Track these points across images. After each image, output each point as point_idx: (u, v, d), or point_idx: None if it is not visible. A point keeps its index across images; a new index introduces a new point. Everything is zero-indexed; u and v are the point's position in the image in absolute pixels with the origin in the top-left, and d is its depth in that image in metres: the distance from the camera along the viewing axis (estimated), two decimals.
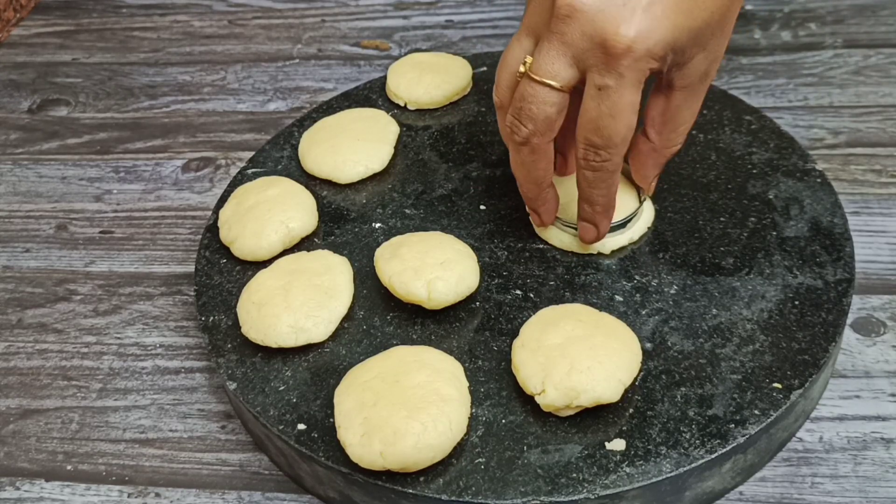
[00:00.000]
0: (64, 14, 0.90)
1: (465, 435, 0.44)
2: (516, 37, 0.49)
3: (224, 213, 0.57)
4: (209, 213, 0.64)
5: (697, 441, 0.43)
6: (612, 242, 0.53)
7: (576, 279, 0.52)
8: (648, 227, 0.54)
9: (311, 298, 0.50)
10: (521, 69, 0.47)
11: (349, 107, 0.66)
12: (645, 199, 0.55)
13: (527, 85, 0.47)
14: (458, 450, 0.44)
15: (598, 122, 0.46)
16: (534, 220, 0.54)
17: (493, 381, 0.47)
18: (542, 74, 0.46)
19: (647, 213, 0.54)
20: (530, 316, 0.48)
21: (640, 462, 0.43)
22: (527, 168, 0.50)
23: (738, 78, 0.72)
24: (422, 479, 0.43)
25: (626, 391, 0.45)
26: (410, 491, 0.43)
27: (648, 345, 0.48)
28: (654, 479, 0.42)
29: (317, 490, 0.47)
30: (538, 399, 0.44)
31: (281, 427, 0.46)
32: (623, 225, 0.53)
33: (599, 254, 0.53)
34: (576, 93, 0.47)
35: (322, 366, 0.49)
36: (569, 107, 0.48)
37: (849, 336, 0.52)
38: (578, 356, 0.44)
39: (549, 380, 0.44)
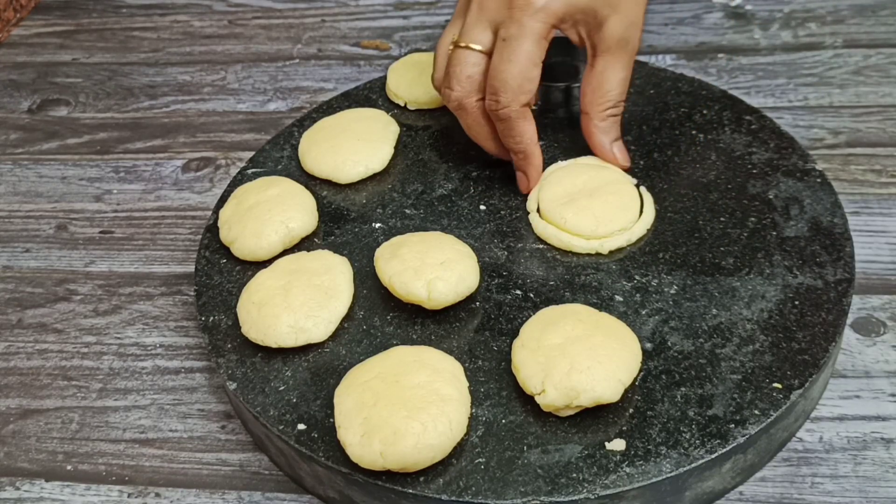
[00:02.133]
0: (64, 14, 0.90)
1: (465, 435, 0.44)
2: (448, 25, 0.55)
3: (224, 213, 0.57)
4: (209, 213, 0.64)
5: (697, 441, 0.43)
6: (611, 243, 0.53)
7: (576, 279, 0.52)
8: (648, 229, 0.54)
9: (311, 298, 0.50)
10: (450, 45, 0.54)
11: (349, 107, 0.66)
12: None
13: (453, 53, 0.54)
14: (458, 450, 0.44)
15: (497, 68, 0.52)
16: (520, 183, 0.57)
17: (493, 381, 0.47)
18: (465, 40, 0.53)
19: (648, 215, 0.54)
20: (530, 316, 0.48)
21: (640, 462, 0.43)
22: (474, 130, 0.56)
23: (738, 78, 0.72)
24: (422, 479, 0.43)
25: (626, 391, 0.45)
26: (410, 491, 0.43)
27: (648, 345, 0.48)
28: (654, 479, 0.42)
29: (317, 490, 0.47)
30: (538, 399, 0.44)
31: (281, 427, 0.46)
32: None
33: (599, 254, 0.53)
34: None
35: (322, 366, 0.49)
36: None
37: (849, 336, 0.52)
38: (578, 356, 0.44)
39: (549, 380, 0.44)
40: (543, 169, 0.58)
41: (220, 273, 0.55)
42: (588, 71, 0.54)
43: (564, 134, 0.62)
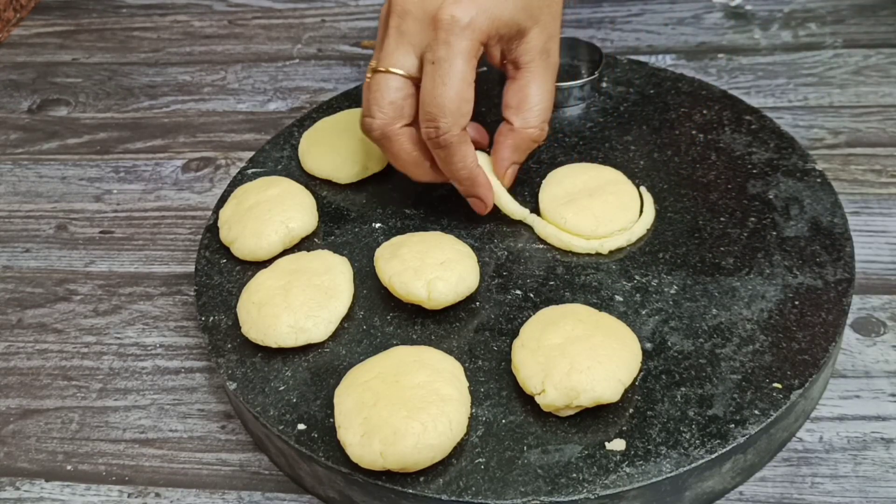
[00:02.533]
0: (64, 14, 0.90)
1: (465, 435, 0.44)
2: (373, 56, 0.53)
3: (224, 213, 0.57)
4: (209, 213, 0.64)
5: (697, 441, 0.43)
6: (611, 243, 0.53)
7: (576, 279, 0.52)
8: (648, 229, 0.54)
9: (311, 298, 0.50)
10: (368, 74, 0.51)
11: (349, 107, 0.66)
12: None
13: (372, 80, 0.51)
14: (458, 450, 0.44)
15: (431, 93, 0.49)
16: (476, 207, 0.54)
17: (493, 381, 0.47)
18: (385, 64, 0.50)
19: (648, 215, 0.54)
20: (530, 316, 0.48)
21: (640, 462, 0.43)
22: (401, 160, 0.52)
23: (738, 78, 0.72)
24: (422, 479, 0.43)
25: (626, 391, 0.45)
26: (410, 491, 0.43)
27: (648, 345, 0.48)
28: (654, 479, 0.42)
29: (317, 490, 0.47)
30: (538, 399, 0.44)
31: (281, 427, 0.46)
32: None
33: (599, 254, 0.53)
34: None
35: (322, 366, 0.49)
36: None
37: (849, 336, 0.52)
38: (578, 356, 0.44)
39: (549, 380, 0.44)
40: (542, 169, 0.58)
41: (220, 273, 0.55)
42: (510, 85, 0.53)
43: (564, 133, 0.62)
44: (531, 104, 0.52)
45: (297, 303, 0.49)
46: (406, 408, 0.43)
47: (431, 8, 0.49)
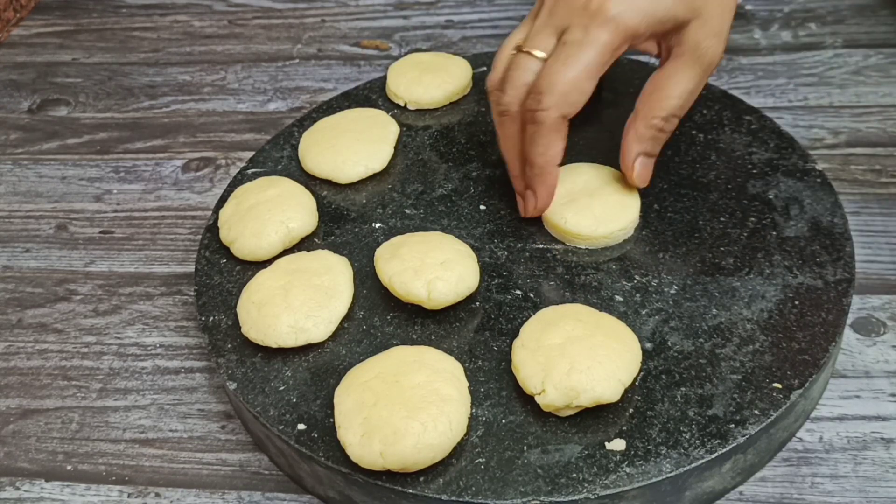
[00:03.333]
0: (64, 14, 0.90)
1: (465, 435, 0.44)
2: (518, 26, 0.52)
3: (224, 213, 0.57)
4: (209, 213, 0.64)
5: (697, 441, 0.43)
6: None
7: (576, 279, 0.52)
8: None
9: (311, 298, 0.50)
10: (513, 49, 0.51)
11: (349, 107, 0.66)
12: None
13: (514, 58, 0.51)
14: (458, 450, 0.44)
15: (549, 69, 0.48)
16: (521, 206, 0.55)
17: (493, 381, 0.47)
18: (529, 46, 0.50)
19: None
20: (530, 316, 0.48)
21: (640, 462, 0.43)
22: (510, 142, 0.52)
23: (738, 78, 0.72)
24: (422, 479, 0.43)
25: (626, 391, 0.45)
26: (410, 491, 0.43)
27: (648, 345, 0.48)
28: (654, 479, 0.42)
29: (317, 490, 0.47)
30: (538, 399, 0.44)
31: (281, 427, 0.46)
32: None
33: (598, 254, 0.53)
34: None
35: (322, 366, 0.49)
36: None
37: (849, 336, 0.52)
38: (578, 356, 0.44)
39: (549, 380, 0.44)
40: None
41: (220, 273, 0.55)
42: (656, 72, 0.51)
43: None
44: (662, 97, 0.50)
45: (297, 303, 0.49)
46: (406, 408, 0.43)
47: None
